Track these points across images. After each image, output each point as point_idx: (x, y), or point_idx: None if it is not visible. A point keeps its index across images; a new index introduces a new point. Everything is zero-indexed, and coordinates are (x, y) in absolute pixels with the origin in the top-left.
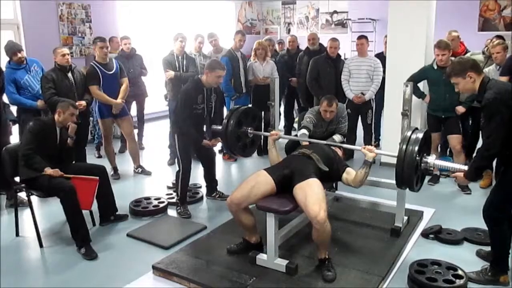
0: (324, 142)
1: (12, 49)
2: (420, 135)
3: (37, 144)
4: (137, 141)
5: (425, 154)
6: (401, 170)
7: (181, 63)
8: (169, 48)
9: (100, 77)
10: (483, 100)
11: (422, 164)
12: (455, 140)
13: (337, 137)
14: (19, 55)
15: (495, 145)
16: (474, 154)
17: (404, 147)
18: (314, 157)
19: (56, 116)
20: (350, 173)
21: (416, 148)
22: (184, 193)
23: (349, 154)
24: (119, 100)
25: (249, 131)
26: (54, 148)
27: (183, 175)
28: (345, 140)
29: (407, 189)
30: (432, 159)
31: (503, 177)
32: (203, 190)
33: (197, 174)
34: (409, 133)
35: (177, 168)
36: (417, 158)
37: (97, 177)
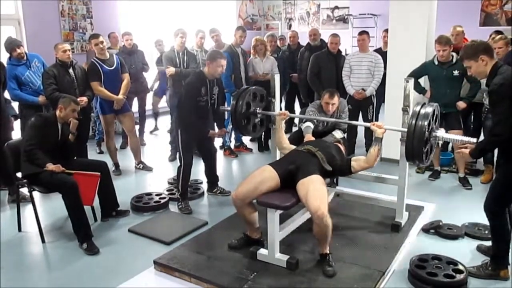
0: (338, 118)
1: (11, 45)
2: (429, 110)
3: (38, 139)
4: (138, 137)
5: (433, 128)
6: (411, 144)
7: (181, 59)
8: (170, 44)
9: (101, 73)
10: (491, 84)
11: (431, 138)
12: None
13: (337, 133)
14: (18, 50)
15: (504, 131)
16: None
17: (414, 121)
18: (319, 155)
19: (57, 112)
20: (358, 159)
21: (426, 122)
22: (185, 189)
23: (350, 150)
24: (120, 96)
25: (257, 111)
26: (55, 144)
27: (184, 171)
28: (345, 135)
29: (416, 165)
30: (441, 133)
31: (503, 171)
32: (204, 186)
33: (198, 170)
34: (418, 108)
35: (178, 164)
36: (427, 132)
37: (99, 173)
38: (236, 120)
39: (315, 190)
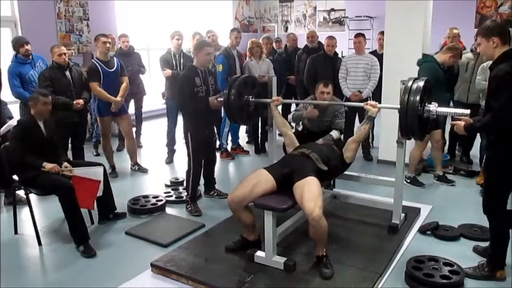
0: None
1: (19, 41)
2: (421, 84)
3: (24, 147)
4: (135, 139)
5: (426, 103)
6: (404, 121)
7: (178, 61)
8: (167, 46)
9: (101, 74)
10: (495, 69)
11: (425, 113)
12: (438, 134)
13: (334, 133)
14: (26, 47)
15: (505, 118)
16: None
17: (406, 97)
18: (313, 156)
19: (32, 111)
20: (346, 146)
21: (418, 97)
22: (194, 192)
23: None
24: (118, 98)
25: (250, 99)
26: (43, 143)
27: (194, 174)
28: (342, 136)
29: (412, 140)
30: (434, 107)
31: (491, 166)
32: (201, 188)
33: None
34: (409, 83)
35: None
36: (419, 107)
37: (99, 179)
38: (230, 110)
39: (310, 192)
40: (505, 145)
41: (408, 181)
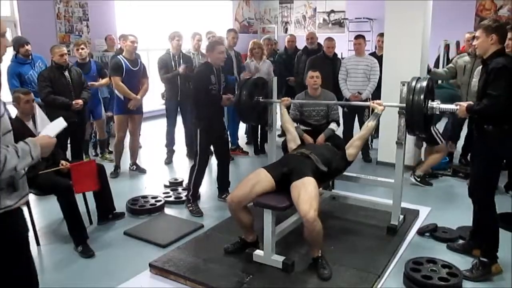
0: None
1: (19, 42)
2: (424, 83)
3: None
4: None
5: (429, 101)
6: (410, 118)
7: (177, 62)
8: (167, 47)
9: (124, 70)
10: (492, 62)
11: (429, 110)
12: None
13: (333, 126)
14: (26, 47)
15: (502, 103)
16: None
17: (411, 96)
18: (313, 157)
19: (17, 113)
20: (351, 143)
21: (422, 96)
22: (196, 190)
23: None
24: (138, 96)
25: (260, 99)
26: None
27: (198, 172)
28: (337, 127)
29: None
30: (436, 104)
31: (479, 155)
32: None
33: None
34: (413, 83)
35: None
36: (423, 105)
37: (94, 159)
38: (241, 110)
39: (306, 194)
40: (504, 138)
41: (419, 179)
